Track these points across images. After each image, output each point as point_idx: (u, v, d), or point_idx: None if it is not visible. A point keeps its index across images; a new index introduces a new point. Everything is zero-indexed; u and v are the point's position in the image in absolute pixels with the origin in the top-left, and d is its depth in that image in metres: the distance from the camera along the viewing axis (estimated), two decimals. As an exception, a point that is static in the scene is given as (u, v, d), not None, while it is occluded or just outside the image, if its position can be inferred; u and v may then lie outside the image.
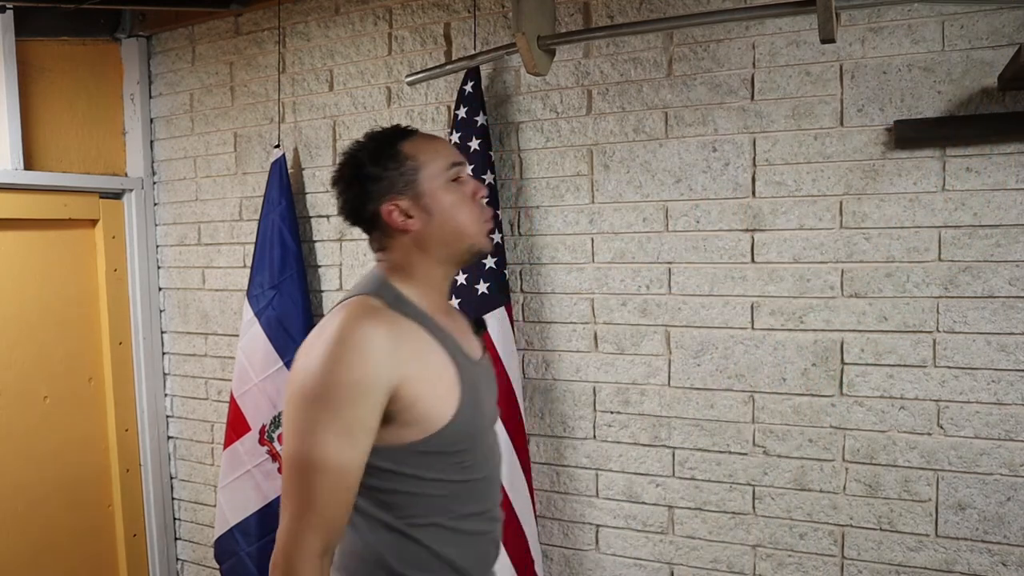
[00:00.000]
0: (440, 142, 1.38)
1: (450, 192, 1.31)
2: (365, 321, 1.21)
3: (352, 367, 1.16)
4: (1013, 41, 1.76)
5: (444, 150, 1.35)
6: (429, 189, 1.30)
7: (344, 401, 1.16)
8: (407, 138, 1.34)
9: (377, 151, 1.31)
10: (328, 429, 1.16)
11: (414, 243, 1.32)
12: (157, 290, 3.10)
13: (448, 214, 1.31)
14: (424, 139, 1.35)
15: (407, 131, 1.36)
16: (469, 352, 1.36)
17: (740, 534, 2.09)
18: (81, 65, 2.92)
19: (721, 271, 2.08)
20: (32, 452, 2.73)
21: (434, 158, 1.32)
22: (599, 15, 2.19)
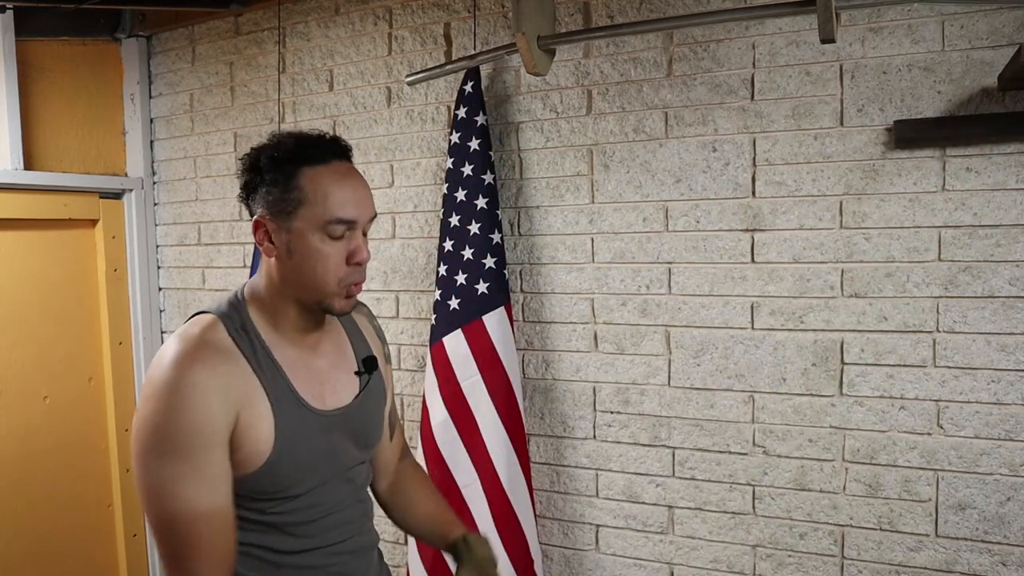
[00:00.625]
0: (346, 185, 1.21)
1: (318, 243, 1.19)
2: (195, 365, 1.14)
3: (188, 413, 1.11)
4: (1013, 41, 1.76)
5: (341, 197, 1.19)
6: (299, 228, 1.19)
7: (190, 449, 1.11)
8: (318, 163, 1.20)
9: (278, 161, 1.20)
10: (181, 481, 1.11)
11: (272, 272, 1.25)
12: (157, 290, 3.10)
13: (302, 266, 1.21)
14: (331, 175, 1.20)
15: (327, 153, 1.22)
16: (314, 398, 1.27)
17: (740, 534, 2.09)
18: (81, 65, 2.92)
19: (721, 271, 2.08)
20: (32, 452, 2.73)
21: (324, 205, 1.18)
22: (599, 15, 2.19)
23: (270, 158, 1.21)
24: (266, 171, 1.21)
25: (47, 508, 2.77)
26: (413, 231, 2.51)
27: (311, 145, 1.22)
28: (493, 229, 2.21)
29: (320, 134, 1.24)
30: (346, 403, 1.32)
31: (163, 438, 1.11)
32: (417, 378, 2.50)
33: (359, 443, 1.36)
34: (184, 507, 1.11)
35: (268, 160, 1.21)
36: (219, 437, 1.14)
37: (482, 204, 2.21)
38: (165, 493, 1.11)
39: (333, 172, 1.21)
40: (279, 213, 1.20)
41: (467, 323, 2.19)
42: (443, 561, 2.19)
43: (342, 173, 1.22)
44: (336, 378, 1.32)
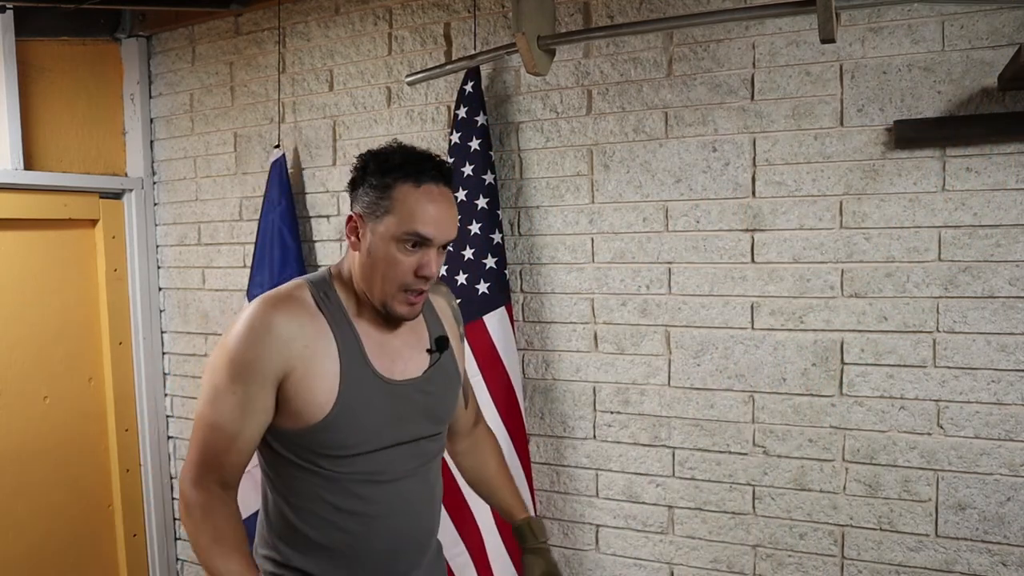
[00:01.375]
0: (431, 205, 1.32)
1: (394, 250, 1.32)
2: (275, 309, 1.32)
3: (248, 348, 1.28)
4: (1013, 41, 1.76)
5: (423, 215, 1.31)
6: (381, 233, 1.32)
7: (238, 377, 1.28)
8: (414, 181, 1.31)
9: (383, 170, 1.33)
10: (224, 400, 1.29)
11: (353, 263, 1.38)
12: (157, 290, 3.10)
13: (375, 266, 1.33)
14: (422, 196, 1.31)
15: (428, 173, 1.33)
16: (384, 368, 1.39)
17: (740, 534, 2.09)
18: (81, 65, 2.92)
19: (721, 271, 2.08)
20: (32, 452, 2.73)
21: (407, 219, 1.30)
22: (599, 15, 2.19)
23: (378, 164, 1.34)
24: (370, 174, 1.34)
25: (47, 508, 2.77)
26: (413, 231, 2.51)
27: (415, 163, 1.34)
28: (493, 229, 2.21)
29: (429, 155, 1.36)
30: (415, 376, 1.43)
31: (225, 358, 1.29)
32: (417, 378, 2.50)
33: (429, 416, 1.45)
34: (217, 420, 1.30)
35: (375, 165, 1.34)
36: (266, 378, 1.29)
37: (482, 204, 2.21)
38: (209, 404, 1.31)
39: (424, 192, 1.32)
40: (370, 215, 1.33)
41: (467, 323, 2.19)
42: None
43: (432, 195, 1.33)
44: (408, 355, 1.43)
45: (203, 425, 1.32)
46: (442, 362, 1.47)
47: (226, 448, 1.31)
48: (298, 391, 1.31)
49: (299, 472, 1.36)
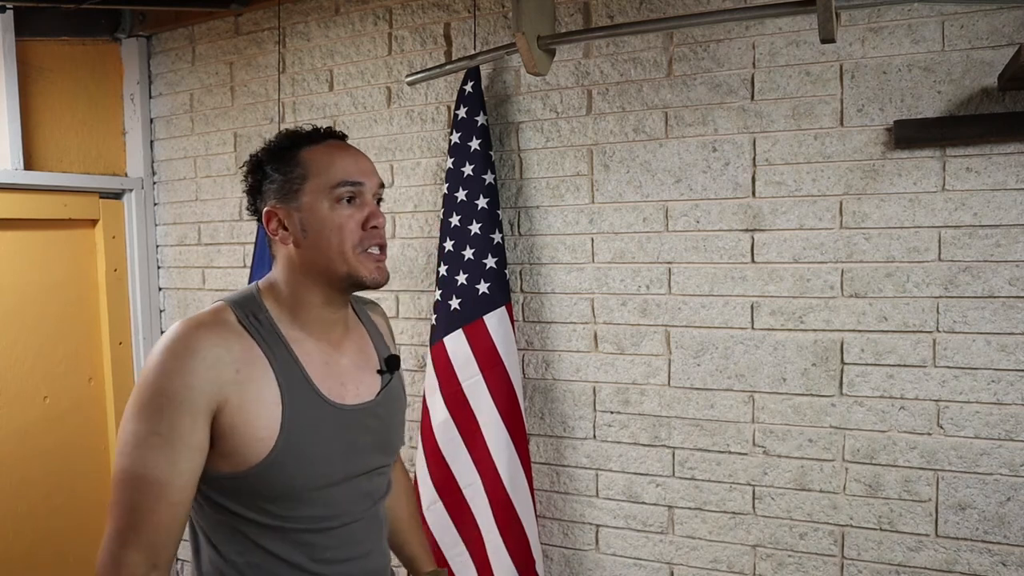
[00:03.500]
0: (346, 154, 1.22)
1: (331, 211, 1.19)
2: (198, 333, 1.13)
3: (172, 377, 1.10)
4: (1013, 41, 1.76)
5: (343, 164, 1.20)
6: (309, 203, 1.19)
7: (163, 411, 1.09)
8: (313, 143, 1.22)
9: (277, 149, 1.23)
10: (146, 443, 1.09)
11: (291, 259, 1.23)
12: (157, 290, 3.10)
13: (321, 234, 1.19)
14: (329, 148, 1.22)
15: (322, 135, 1.24)
16: (332, 392, 1.23)
17: (740, 534, 2.09)
18: (81, 65, 2.92)
19: (721, 271, 2.08)
20: (32, 452, 2.73)
21: (326, 170, 1.19)
22: (599, 15, 2.19)
23: (269, 151, 1.25)
24: (267, 163, 1.23)
25: (47, 508, 2.77)
26: (413, 231, 2.51)
27: (306, 131, 1.25)
28: (493, 229, 2.21)
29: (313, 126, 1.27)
30: (368, 400, 1.28)
31: (144, 396, 1.10)
32: (417, 378, 2.50)
33: (382, 444, 1.31)
34: (140, 468, 1.09)
35: (267, 153, 1.24)
36: (196, 409, 1.10)
37: (482, 204, 2.21)
38: (130, 450, 1.09)
39: (331, 146, 1.24)
40: (286, 195, 1.21)
41: (468, 323, 2.19)
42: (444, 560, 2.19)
43: (341, 146, 1.25)
44: (358, 377, 1.29)
45: (122, 481, 1.09)
46: (393, 384, 1.33)
47: (153, 505, 1.08)
48: (234, 424, 1.12)
49: (238, 523, 1.18)
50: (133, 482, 1.09)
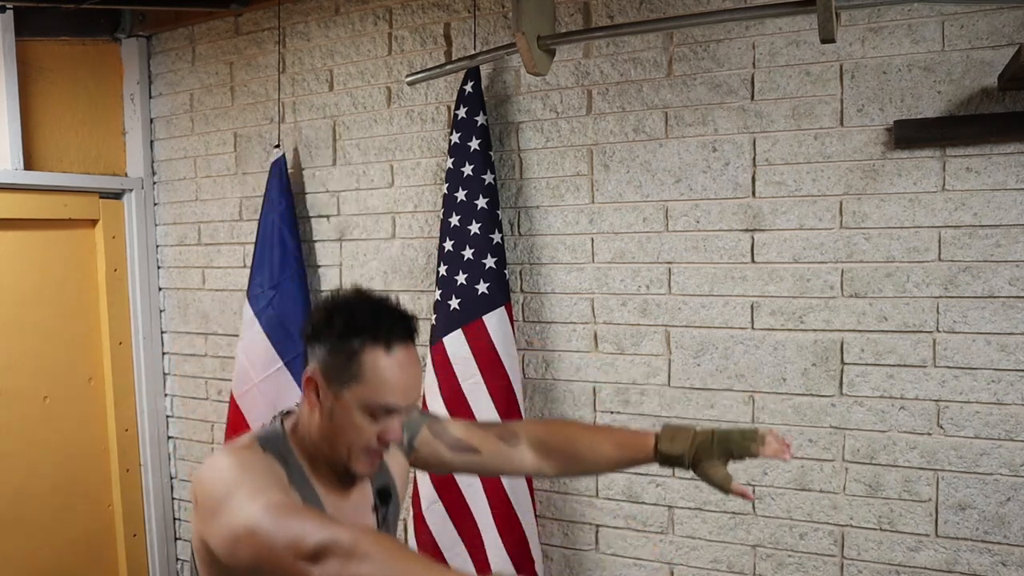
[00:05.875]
0: (403, 375, 1.24)
1: (360, 419, 1.23)
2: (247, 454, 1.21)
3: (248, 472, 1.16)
4: (1013, 41, 1.76)
5: (395, 388, 1.23)
6: (346, 401, 1.22)
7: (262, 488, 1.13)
8: (382, 346, 1.22)
9: (349, 331, 1.22)
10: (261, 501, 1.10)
11: (312, 421, 1.27)
12: (157, 290, 3.10)
13: (340, 430, 1.24)
14: (391, 364, 1.22)
15: (397, 334, 1.23)
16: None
17: (740, 534, 2.09)
18: (81, 65, 2.92)
19: (721, 271, 2.08)
20: (32, 452, 2.73)
21: (378, 390, 1.22)
22: (599, 15, 2.19)
23: (343, 323, 1.23)
24: (334, 334, 1.23)
25: (47, 508, 2.77)
26: (413, 231, 2.51)
27: (383, 323, 1.24)
28: (493, 229, 2.21)
29: (394, 309, 1.26)
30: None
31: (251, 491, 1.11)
32: (417, 378, 2.50)
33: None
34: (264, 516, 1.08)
35: (340, 324, 1.23)
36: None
37: (482, 204, 2.21)
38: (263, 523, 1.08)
39: (394, 360, 1.23)
40: (333, 380, 1.23)
41: (467, 323, 2.19)
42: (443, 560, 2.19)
43: (402, 363, 1.24)
44: (357, 517, 1.33)
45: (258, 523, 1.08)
46: (388, 516, 1.38)
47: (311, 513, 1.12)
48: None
49: None
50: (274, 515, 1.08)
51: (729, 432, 1.41)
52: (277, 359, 2.55)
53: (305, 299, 2.59)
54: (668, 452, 1.42)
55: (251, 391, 2.57)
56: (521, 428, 1.57)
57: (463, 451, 1.48)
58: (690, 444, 1.41)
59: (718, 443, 1.40)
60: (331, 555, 0.99)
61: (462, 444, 1.48)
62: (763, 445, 1.39)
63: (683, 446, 1.41)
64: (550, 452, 1.51)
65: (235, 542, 1.09)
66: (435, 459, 1.48)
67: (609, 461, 1.51)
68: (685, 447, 1.41)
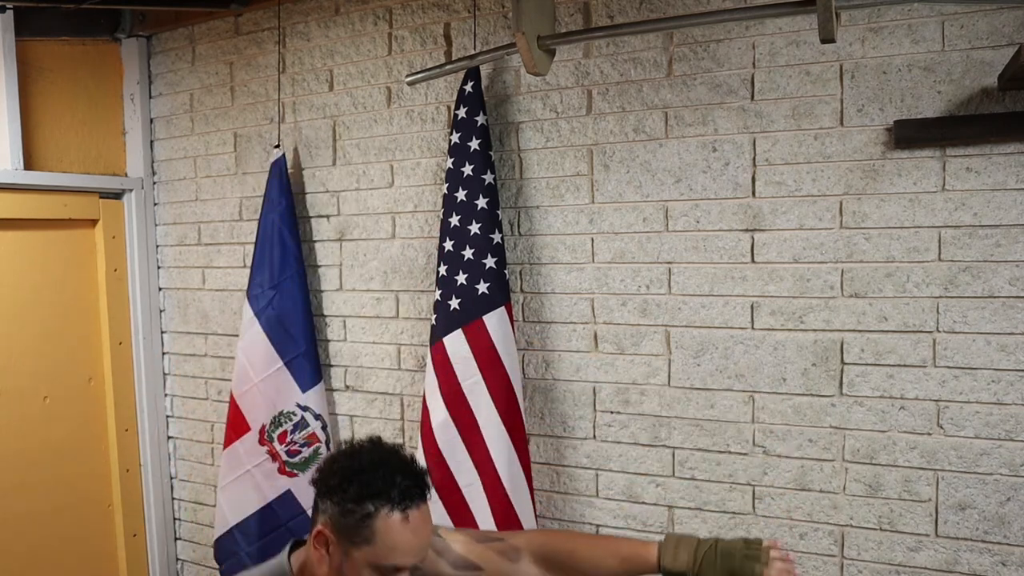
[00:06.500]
0: (413, 538, 1.28)
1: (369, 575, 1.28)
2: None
3: None
4: (1013, 41, 1.76)
5: (406, 549, 1.27)
6: (357, 560, 1.26)
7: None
8: (396, 510, 1.26)
9: (363, 495, 1.26)
10: None
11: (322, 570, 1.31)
12: (157, 290, 3.10)
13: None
14: (403, 528, 1.26)
15: (410, 497, 1.28)
16: None
17: (740, 534, 2.09)
18: (81, 65, 2.92)
19: (721, 271, 2.08)
20: (32, 452, 2.73)
21: (389, 553, 1.26)
22: (599, 15, 2.19)
23: (358, 487, 1.26)
24: (348, 496, 1.26)
25: (47, 508, 2.77)
26: (413, 231, 2.51)
27: (396, 484, 1.26)
28: (493, 229, 2.21)
29: (406, 466, 1.29)
30: None
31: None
32: (417, 378, 2.50)
33: None
34: None
35: (355, 489, 1.26)
36: None
37: (482, 204, 2.21)
38: None
39: (406, 526, 1.26)
40: (344, 538, 1.27)
41: (467, 323, 2.19)
42: None
43: (415, 527, 1.27)
44: None
45: None
46: None
47: None
48: None
49: None
50: None
51: (732, 547, 1.41)
52: (277, 359, 2.55)
53: (305, 299, 2.60)
54: (671, 569, 1.44)
55: (251, 391, 2.57)
56: (523, 543, 1.57)
57: (466, 569, 1.49)
58: (693, 559, 1.42)
59: (721, 559, 1.40)
60: None
61: (465, 562, 1.49)
62: (767, 566, 1.39)
63: (686, 562, 1.42)
64: (553, 567, 1.52)
65: None
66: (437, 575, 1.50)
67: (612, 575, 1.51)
68: (688, 563, 1.42)
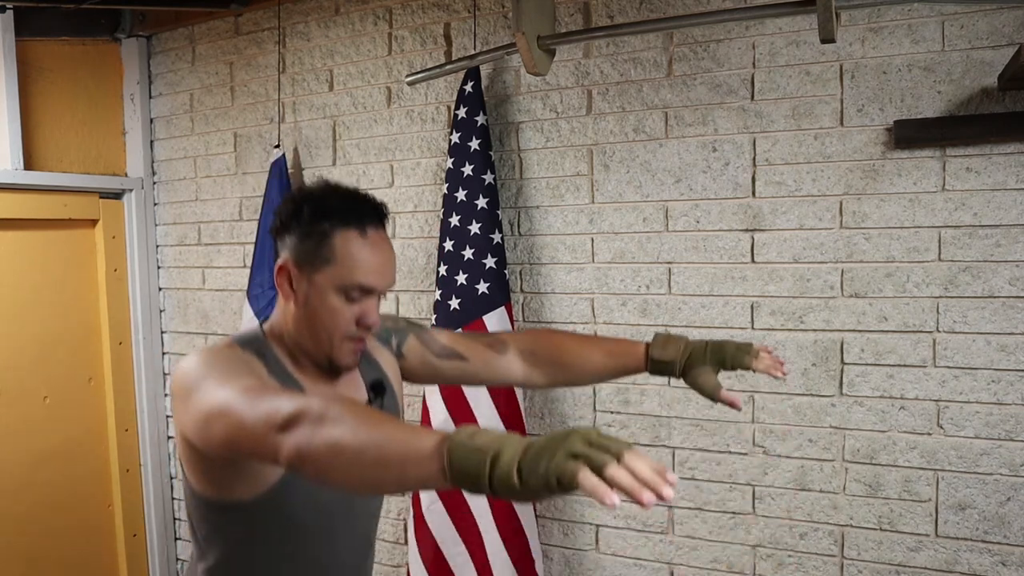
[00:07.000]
0: (374, 254, 1.23)
1: (335, 301, 1.22)
2: (224, 350, 1.21)
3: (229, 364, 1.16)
4: (1013, 41, 1.76)
5: (368, 266, 1.22)
6: (320, 284, 1.21)
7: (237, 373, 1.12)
8: (354, 227, 1.21)
9: (320, 214, 1.22)
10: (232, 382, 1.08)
11: (288, 314, 1.26)
12: (157, 290, 3.10)
13: (317, 315, 1.22)
14: (362, 244, 1.22)
15: (366, 217, 1.23)
16: None
17: (740, 534, 2.09)
18: (81, 65, 2.92)
19: (721, 271, 2.08)
20: (32, 452, 2.73)
21: (351, 270, 1.21)
22: (599, 15, 2.19)
23: (312, 208, 1.22)
24: (304, 219, 1.22)
25: (47, 508, 2.77)
26: (413, 231, 2.51)
27: (354, 206, 1.23)
28: (493, 229, 2.21)
29: (363, 195, 1.25)
30: None
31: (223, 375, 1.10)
32: (417, 378, 2.50)
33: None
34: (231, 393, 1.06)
35: (309, 210, 1.22)
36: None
37: (482, 204, 2.21)
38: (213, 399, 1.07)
39: (365, 240, 1.23)
40: (305, 264, 1.22)
41: (468, 323, 2.19)
42: (443, 560, 2.19)
43: (374, 242, 1.24)
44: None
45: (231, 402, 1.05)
46: (384, 405, 1.37)
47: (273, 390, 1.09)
48: None
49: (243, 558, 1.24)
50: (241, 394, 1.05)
51: (723, 343, 1.40)
52: (277, 359, 2.55)
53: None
54: (659, 358, 1.41)
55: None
56: (510, 338, 1.56)
57: (450, 357, 1.47)
58: (682, 351, 1.40)
59: (711, 352, 1.39)
60: (302, 422, 0.94)
61: (449, 351, 1.47)
62: (756, 359, 1.38)
63: (675, 353, 1.41)
64: (539, 361, 1.49)
65: (207, 422, 1.07)
66: (423, 367, 1.47)
67: (600, 369, 1.49)
68: (677, 354, 1.40)
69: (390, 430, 0.91)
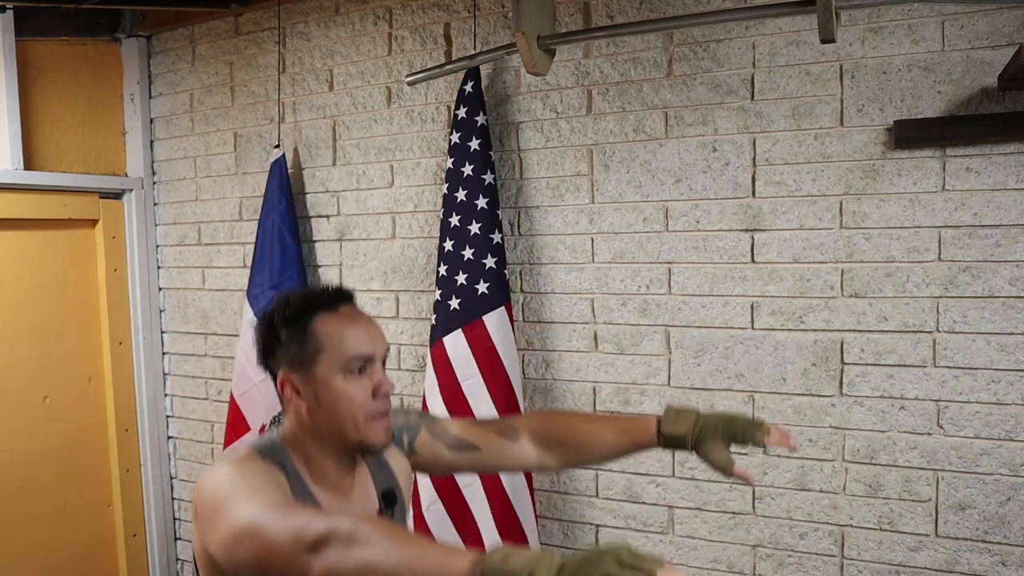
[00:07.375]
0: (357, 325, 1.26)
1: (344, 384, 1.23)
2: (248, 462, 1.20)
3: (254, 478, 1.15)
4: (1013, 41, 1.76)
5: (355, 337, 1.24)
6: (323, 376, 1.23)
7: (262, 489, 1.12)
8: (327, 311, 1.25)
9: (293, 316, 1.25)
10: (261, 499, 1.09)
11: (304, 422, 1.27)
12: (157, 290, 3.10)
13: (334, 406, 1.23)
14: (342, 320, 1.25)
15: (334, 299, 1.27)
16: None
17: (740, 534, 2.09)
18: (81, 65, 2.92)
19: (721, 271, 2.08)
20: (32, 452, 2.73)
21: (340, 344, 1.23)
22: (599, 15, 2.19)
23: (283, 317, 1.26)
24: (281, 330, 1.25)
25: (47, 508, 2.77)
26: (413, 231, 2.51)
27: (317, 297, 1.28)
28: (493, 229, 2.21)
29: (323, 286, 1.30)
30: None
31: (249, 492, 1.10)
32: (417, 378, 2.50)
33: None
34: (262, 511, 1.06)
35: (281, 319, 1.26)
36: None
37: (482, 204, 2.21)
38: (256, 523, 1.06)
39: (343, 316, 1.26)
40: (301, 366, 1.24)
41: (467, 323, 2.19)
42: None
43: (352, 316, 1.27)
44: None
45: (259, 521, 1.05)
46: (395, 515, 1.36)
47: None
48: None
49: None
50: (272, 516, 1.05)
51: (734, 416, 1.41)
52: (277, 359, 2.55)
53: (305, 299, 2.59)
54: (671, 433, 1.42)
55: (251, 391, 2.57)
56: (520, 422, 1.56)
57: (463, 449, 1.47)
58: (693, 425, 1.41)
59: (723, 426, 1.39)
60: (332, 543, 0.95)
61: (461, 442, 1.47)
62: (768, 436, 1.38)
63: (686, 428, 1.41)
64: (550, 444, 1.50)
65: (235, 542, 1.07)
66: (436, 460, 1.47)
67: (612, 448, 1.49)
68: (688, 428, 1.41)
69: (421, 551, 0.93)
